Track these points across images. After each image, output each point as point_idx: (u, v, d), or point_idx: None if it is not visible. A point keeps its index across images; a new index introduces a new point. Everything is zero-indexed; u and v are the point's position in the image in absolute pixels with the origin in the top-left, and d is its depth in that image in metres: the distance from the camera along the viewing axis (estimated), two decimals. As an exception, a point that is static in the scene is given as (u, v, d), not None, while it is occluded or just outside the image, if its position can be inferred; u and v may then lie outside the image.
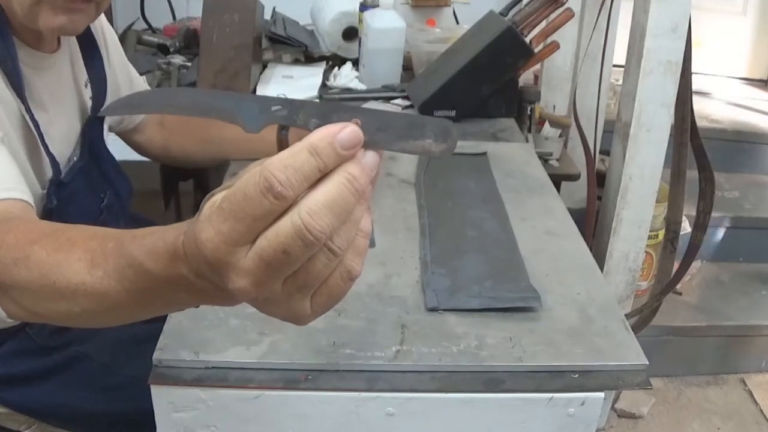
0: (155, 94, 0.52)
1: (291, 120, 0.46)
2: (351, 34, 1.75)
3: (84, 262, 0.54)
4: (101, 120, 1.05)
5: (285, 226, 0.40)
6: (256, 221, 0.40)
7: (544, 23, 1.49)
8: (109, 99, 1.06)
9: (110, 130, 1.15)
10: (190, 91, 0.48)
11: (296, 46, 1.77)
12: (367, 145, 0.43)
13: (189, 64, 1.70)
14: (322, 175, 0.41)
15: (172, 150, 1.26)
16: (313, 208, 0.40)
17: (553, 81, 1.90)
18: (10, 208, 0.72)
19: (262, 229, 0.41)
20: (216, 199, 0.42)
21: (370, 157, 0.43)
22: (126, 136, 1.23)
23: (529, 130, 1.57)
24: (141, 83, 1.23)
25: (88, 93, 1.03)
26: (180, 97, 0.49)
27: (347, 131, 0.41)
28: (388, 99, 1.57)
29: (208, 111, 0.48)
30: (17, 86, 0.84)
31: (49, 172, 0.91)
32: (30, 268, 0.57)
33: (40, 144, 0.88)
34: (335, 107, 0.45)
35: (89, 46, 1.00)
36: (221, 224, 0.41)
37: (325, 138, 0.41)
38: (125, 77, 1.16)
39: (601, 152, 1.85)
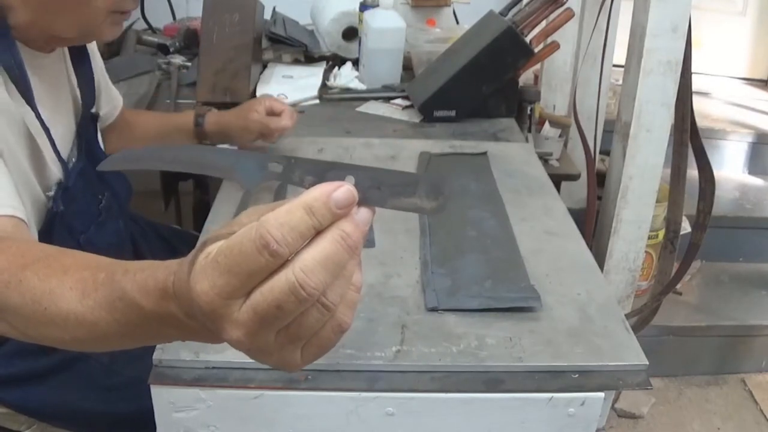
0: (155, 150, 0.53)
1: (287, 177, 0.47)
2: (351, 34, 1.75)
3: (75, 291, 0.54)
4: (95, 119, 1.04)
5: (280, 282, 0.41)
6: (251, 276, 0.41)
7: (544, 23, 1.49)
8: (96, 99, 1.06)
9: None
10: (189, 148, 0.50)
11: (296, 46, 1.77)
12: (361, 202, 0.43)
13: (189, 64, 1.70)
14: (317, 232, 0.42)
15: None
16: (308, 266, 0.41)
17: (553, 81, 1.90)
18: (2, 225, 0.71)
19: (256, 284, 0.41)
20: (210, 250, 0.43)
21: (363, 213, 0.43)
22: None
23: (529, 130, 1.57)
24: (115, 92, 1.19)
25: (79, 92, 1.02)
26: (179, 154, 0.50)
27: (342, 191, 0.42)
28: (388, 99, 1.57)
29: (206, 168, 0.49)
30: (26, 93, 0.83)
31: (53, 176, 0.90)
32: (22, 294, 0.57)
33: (47, 148, 0.88)
34: (330, 165, 0.46)
35: (77, 47, 1.00)
36: (217, 278, 0.42)
37: (320, 198, 0.41)
38: (104, 81, 1.14)
39: (601, 152, 1.85)
